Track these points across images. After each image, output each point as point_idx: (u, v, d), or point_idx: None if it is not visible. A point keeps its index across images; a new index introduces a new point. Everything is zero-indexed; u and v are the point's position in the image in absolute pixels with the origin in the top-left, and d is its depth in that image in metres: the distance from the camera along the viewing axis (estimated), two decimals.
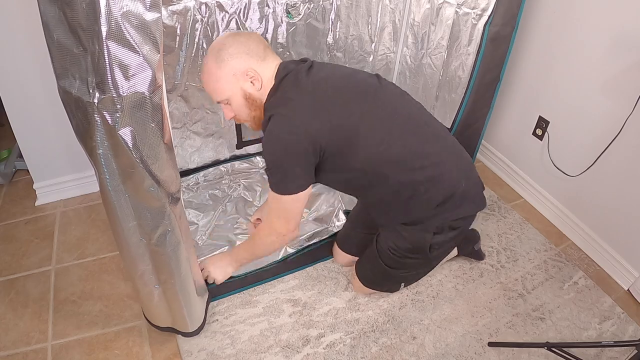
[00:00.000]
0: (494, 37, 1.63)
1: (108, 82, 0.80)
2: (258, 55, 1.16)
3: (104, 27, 0.75)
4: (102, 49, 0.77)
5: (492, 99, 1.80)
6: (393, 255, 1.38)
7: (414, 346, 1.46)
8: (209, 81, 1.18)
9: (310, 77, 1.16)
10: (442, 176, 1.23)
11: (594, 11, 1.57)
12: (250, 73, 1.16)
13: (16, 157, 2.06)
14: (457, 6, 1.70)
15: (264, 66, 1.17)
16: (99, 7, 0.73)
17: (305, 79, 1.15)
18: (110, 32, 0.76)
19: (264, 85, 1.18)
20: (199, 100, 1.78)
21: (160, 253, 1.12)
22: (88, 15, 0.74)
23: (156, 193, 1.00)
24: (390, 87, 1.28)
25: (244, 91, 1.18)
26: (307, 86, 1.15)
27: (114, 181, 0.96)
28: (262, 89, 1.18)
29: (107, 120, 0.85)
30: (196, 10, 1.56)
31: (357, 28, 1.94)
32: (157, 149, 0.95)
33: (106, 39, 0.76)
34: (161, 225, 1.06)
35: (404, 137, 1.20)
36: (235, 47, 1.14)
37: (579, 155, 1.74)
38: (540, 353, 1.43)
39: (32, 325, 1.48)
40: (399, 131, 1.19)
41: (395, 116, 1.21)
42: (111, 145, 0.89)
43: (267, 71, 1.18)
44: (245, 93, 1.18)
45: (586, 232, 1.81)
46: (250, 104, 1.20)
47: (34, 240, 1.78)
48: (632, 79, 1.48)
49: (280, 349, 1.43)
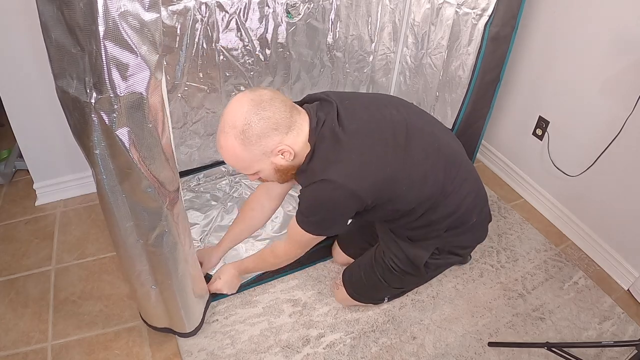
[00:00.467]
0: (494, 37, 1.63)
1: (105, 82, 0.80)
2: (286, 125, 1.06)
3: (102, 27, 0.75)
4: (100, 48, 0.76)
5: (492, 99, 1.80)
6: (390, 267, 1.36)
7: (414, 346, 1.46)
8: (233, 160, 1.09)
9: (346, 131, 1.09)
10: (459, 209, 1.22)
11: (594, 11, 1.57)
12: (283, 149, 1.07)
13: (16, 157, 2.06)
14: (457, 6, 1.70)
15: (293, 134, 1.07)
16: (96, 6, 0.73)
17: (341, 134, 1.08)
18: (107, 32, 0.75)
19: (297, 154, 1.10)
20: (199, 100, 1.78)
21: (157, 254, 1.12)
22: (86, 15, 0.74)
23: (153, 194, 0.99)
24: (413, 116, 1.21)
25: (275, 164, 1.10)
26: (348, 142, 1.08)
27: (111, 181, 0.96)
28: (297, 157, 1.11)
29: (105, 120, 0.84)
30: (196, 10, 1.56)
31: (357, 28, 1.94)
32: (154, 150, 0.95)
33: (104, 39, 0.76)
34: (158, 226, 1.06)
35: (435, 175, 1.17)
36: (262, 125, 1.02)
37: (579, 155, 1.74)
38: (540, 353, 1.43)
39: (32, 325, 1.48)
40: (432, 171, 1.17)
41: (427, 156, 1.16)
42: (108, 146, 0.89)
43: (298, 137, 1.08)
44: (276, 166, 1.11)
45: (586, 232, 1.81)
46: (283, 172, 1.14)
47: (34, 240, 1.78)
48: (632, 79, 1.48)
49: (280, 349, 1.43)
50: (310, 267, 1.69)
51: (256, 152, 1.06)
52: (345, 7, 1.86)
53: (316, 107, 1.14)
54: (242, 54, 1.75)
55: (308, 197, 1.12)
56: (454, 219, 1.22)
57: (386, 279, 1.39)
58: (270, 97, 1.05)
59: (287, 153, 1.08)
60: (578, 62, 1.68)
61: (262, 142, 1.04)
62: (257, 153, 1.06)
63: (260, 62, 1.81)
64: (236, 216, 1.53)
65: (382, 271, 1.38)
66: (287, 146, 1.07)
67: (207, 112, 1.84)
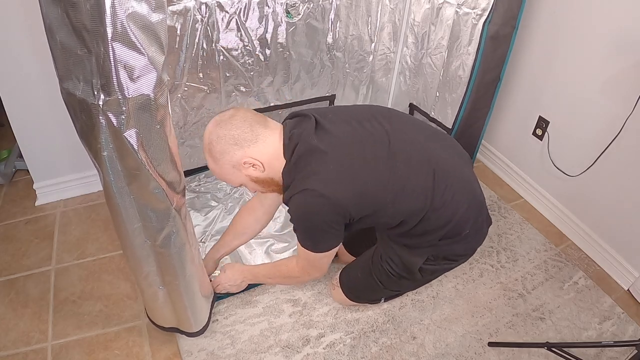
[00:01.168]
0: (494, 36, 1.63)
1: (113, 84, 0.80)
2: (247, 140, 1.11)
3: (110, 29, 0.74)
4: (108, 50, 0.76)
5: (492, 98, 1.80)
6: (386, 271, 1.36)
7: (414, 346, 1.46)
8: (217, 175, 1.19)
9: (324, 142, 1.12)
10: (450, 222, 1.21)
11: (594, 12, 1.57)
12: (247, 161, 1.12)
13: (16, 157, 2.06)
14: (457, 6, 1.70)
15: (258, 147, 1.12)
16: (104, 8, 0.72)
17: (319, 144, 1.11)
18: (115, 33, 0.75)
19: (268, 166, 1.14)
20: (199, 100, 1.78)
21: (165, 255, 1.12)
22: (93, 17, 0.73)
23: (161, 195, 0.99)
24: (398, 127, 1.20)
25: (249, 177, 1.16)
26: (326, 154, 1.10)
27: (119, 183, 0.95)
28: (268, 169, 1.15)
29: (112, 122, 0.84)
30: (196, 10, 1.56)
31: (356, 28, 1.94)
32: (162, 151, 0.95)
33: (111, 41, 0.75)
34: (166, 227, 1.06)
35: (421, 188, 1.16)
36: (222, 143, 1.10)
37: (579, 155, 1.74)
38: (540, 353, 1.43)
39: (32, 325, 1.48)
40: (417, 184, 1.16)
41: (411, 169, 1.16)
42: (116, 147, 0.89)
43: (265, 149, 1.13)
44: (252, 177, 1.17)
45: (586, 232, 1.81)
46: (263, 184, 1.19)
47: (34, 240, 1.78)
48: (632, 79, 1.48)
49: (280, 349, 1.43)
50: None
51: (227, 167, 1.14)
52: (345, 7, 1.86)
53: (293, 124, 1.17)
54: (242, 54, 1.75)
55: (293, 210, 1.14)
56: (446, 230, 1.21)
57: (382, 281, 1.39)
58: (230, 116, 1.12)
59: (257, 166, 1.13)
60: (578, 62, 1.68)
61: (226, 158, 1.12)
62: (228, 167, 1.14)
63: (260, 62, 1.81)
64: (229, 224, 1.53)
65: (379, 274, 1.38)
66: (251, 158, 1.11)
67: (207, 113, 1.84)
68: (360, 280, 1.45)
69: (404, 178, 1.14)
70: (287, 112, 2.04)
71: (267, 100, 1.94)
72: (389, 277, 1.37)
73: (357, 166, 1.12)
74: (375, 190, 1.13)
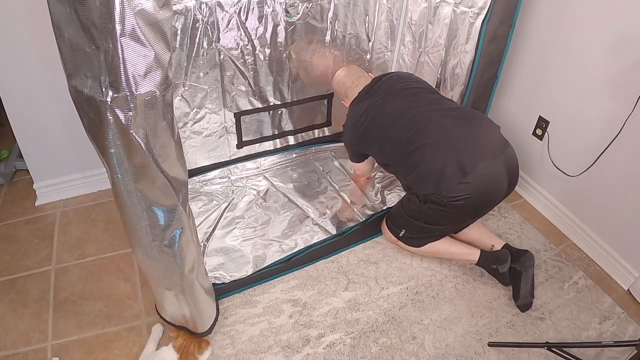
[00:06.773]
0: (491, 35, 1.63)
1: (122, 81, 0.80)
2: (351, 82, 1.86)
3: (119, 26, 0.74)
4: (116, 47, 0.76)
5: (490, 96, 1.80)
6: (407, 205, 1.66)
7: (414, 346, 1.46)
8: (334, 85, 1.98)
9: (375, 88, 1.75)
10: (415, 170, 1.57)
11: (593, 11, 1.57)
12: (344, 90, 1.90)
13: (16, 157, 2.06)
14: (455, 5, 1.70)
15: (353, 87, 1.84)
16: (113, 5, 0.72)
17: (369, 95, 1.74)
18: (124, 30, 0.75)
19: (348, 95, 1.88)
20: (199, 100, 1.78)
21: (171, 254, 1.13)
22: (102, 14, 0.74)
23: (168, 191, 1.00)
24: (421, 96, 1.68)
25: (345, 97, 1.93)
26: (366, 97, 1.75)
27: (127, 180, 0.95)
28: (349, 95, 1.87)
29: (120, 118, 0.84)
30: (196, 10, 1.56)
31: (354, 27, 1.95)
32: (168, 147, 0.95)
33: (120, 37, 0.76)
34: (172, 224, 1.07)
35: (399, 136, 1.60)
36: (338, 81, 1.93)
37: (579, 155, 1.74)
38: (540, 353, 1.43)
39: (32, 325, 1.48)
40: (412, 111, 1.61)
41: (397, 121, 1.62)
42: (124, 144, 0.89)
43: (355, 88, 1.83)
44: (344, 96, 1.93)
45: (586, 232, 1.81)
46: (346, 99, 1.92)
47: (34, 240, 1.78)
48: (631, 79, 1.48)
49: (280, 349, 1.43)
50: (310, 266, 1.69)
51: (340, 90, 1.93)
52: (343, 6, 1.86)
53: (373, 82, 1.78)
54: (242, 53, 1.75)
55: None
56: (414, 175, 1.56)
57: (407, 212, 1.67)
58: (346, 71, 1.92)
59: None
60: (578, 62, 1.67)
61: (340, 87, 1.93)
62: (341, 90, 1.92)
63: (260, 61, 1.81)
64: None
65: (405, 207, 1.68)
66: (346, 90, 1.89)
67: (207, 112, 1.84)
68: (396, 212, 1.75)
69: (390, 123, 1.64)
70: (286, 111, 2.05)
71: (266, 100, 1.94)
72: (409, 209, 1.65)
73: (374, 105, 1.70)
74: (373, 120, 1.68)
